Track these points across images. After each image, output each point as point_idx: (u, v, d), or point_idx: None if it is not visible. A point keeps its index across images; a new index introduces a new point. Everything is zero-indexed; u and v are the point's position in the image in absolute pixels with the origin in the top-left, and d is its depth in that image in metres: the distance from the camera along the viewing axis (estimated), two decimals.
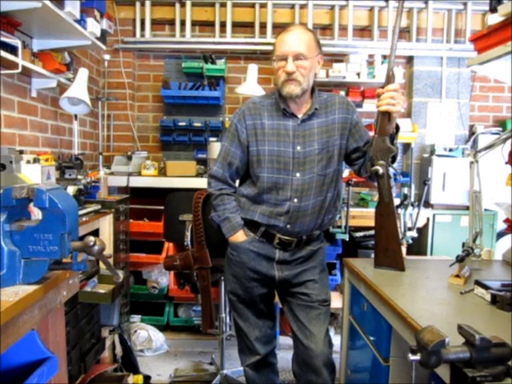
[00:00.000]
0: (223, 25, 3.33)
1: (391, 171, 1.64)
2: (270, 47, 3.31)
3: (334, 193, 1.70)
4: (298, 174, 1.61)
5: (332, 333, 2.95)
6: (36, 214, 1.16)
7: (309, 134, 1.62)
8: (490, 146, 1.72)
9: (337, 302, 2.44)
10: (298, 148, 1.61)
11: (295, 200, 1.61)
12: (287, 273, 1.70)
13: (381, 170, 1.59)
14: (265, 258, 1.69)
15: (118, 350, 2.40)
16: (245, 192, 1.69)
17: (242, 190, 1.72)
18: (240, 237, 1.68)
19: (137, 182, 2.94)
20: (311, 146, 1.62)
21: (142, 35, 3.36)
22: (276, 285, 1.74)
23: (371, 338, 1.54)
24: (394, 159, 1.63)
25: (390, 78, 1.59)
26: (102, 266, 2.06)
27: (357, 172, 1.77)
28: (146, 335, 2.81)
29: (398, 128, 1.61)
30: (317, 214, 1.65)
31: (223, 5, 3.31)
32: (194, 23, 3.38)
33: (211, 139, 3.36)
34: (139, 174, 3.07)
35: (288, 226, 1.63)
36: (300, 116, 1.63)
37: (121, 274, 1.19)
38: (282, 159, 1.61)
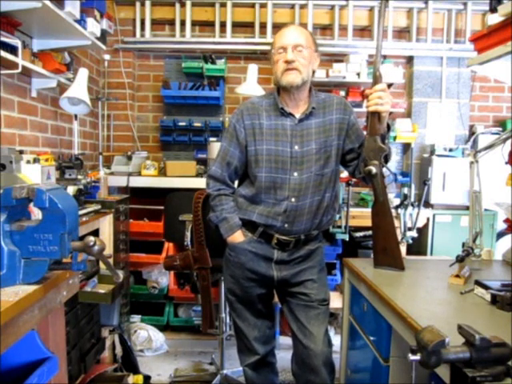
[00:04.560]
0: (223, 25, 3.33)
1: (385, 171, 1.64)
2: (270, 47, 3.34)
3: (333, 193, 1.70)
4: (295, 174, 1.61)
5: (332, 333, 2.95)
6: (36, 214, 1.16)
7: (306, 133, 1.63)
8: (490, 146, 1.72)
9: (337, 302, 2.44)
10: (296, 147, 1.61)
11: (293, 199, 1.61)
12: (286, 273, 1.70)
13: (374, 170, 1.60)
14: (263, 259, 1.69)
15: (118, 350, 2.40)
16: (243, 192, 1.69)
17: (240, 190, 1.72)
18: (238, 237, 1.68)
19: (137, 181, 2.94)
20: (309, 146, 1.62)
21: (142, 35, 3.36)
22: (275, 285, 1.74)
23: (371, 338, 1.54)
24: (386, 159, 1.64)
25: (376, 79, 1.60)
26: (102, 266, 2.06)
27: (351, 173, 1.78)
28: (146, 335, 2.81)
29: (388, 127, 1.62)
30: (314, 214, 1.66)
31: (223, 5, 3.31)
32: (194, 23, 3.38)
33: (211, 139, 3.35)
34: (139, 173, 3.07)
35: (286, 226, 1.64)
36: (298, 116, 1.64)
37: (121, 274, 1.18)
38: (279, 158, 1.61)
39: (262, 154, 1.62)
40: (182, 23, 3.34)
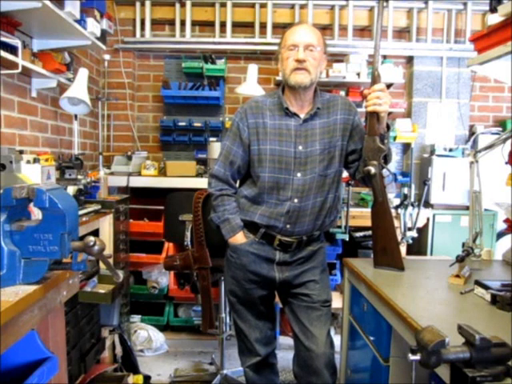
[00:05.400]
0: (223, 25, 3.33)
1: (385, 171, 1.64)
2: (270, 47, 3.35)
3: (336, 194, 1.69)
4: (299, 174, 1.60)
5: (332, 333, 2.95)
6: (36, 214, 1.16)
7: (311, 133, 1.62)
8: (490, 146, 1.72)
9: (337, 302, 2.44)
10: (300, 148, 1.60)
11: (295, 200, 1.61)
12: (288, 274, 1.69)
13: (373, 170, 1.59)
14: (265, 260, 1.68)
15: (118, 350, 2.40)
16: (245, 192, 1.68)
17: (242, 190, 1.71)
18: (240, 238, 1.67)
19: (137, 182, 2.94)
20: (313, 146, 1.61)
21: (142, 35, 3.36)
22: (276, 286, 1.74)
23: (371, 338, 1.54)
24: (386, 159, 1.63)
25: (375, 78, 1.59)
26: (102, 266, 2.06)
27: (352, 175, 1.76)
28: (146, 335, 2.81)
29: (388, 127, 1.61)
30: (317, 215, 1.65)
31: (223, 5, 3.31)
32: (194, 23, 3.38)
33: (211, 139, 3.36)
34: (139, 173, 3.07)
35: (288, 227, 1.63)
36: (302, 116, 1.63)
37: (121, 273, 1.19)
38: (283, 159, 1.60)
39: (266, 154, 1.61)
40: (182, 23, 3.34)
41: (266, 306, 1.78)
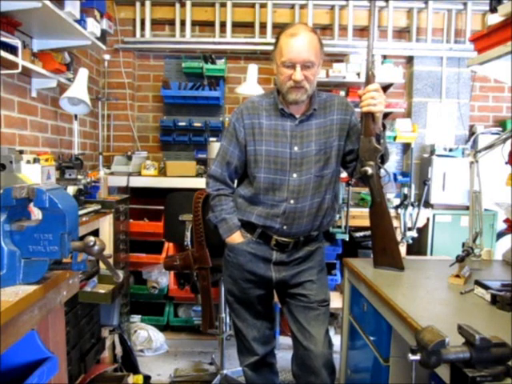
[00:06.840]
0: (223, 25, 3.33)
1: (382, 172, 1.63)
2: (270, 47, 3.32)
3: (333, 194, 1.69)
4: (294, 175, 1.60)
5: (332, 333, 2.95)
6: (36, 214, 1.16)
7: (306, 134, 1.61)
8: (490, 146, 1.72)
9: (337, 302, 2.44)
10: (296, 149, 1.60)
11: (291, 201, 1.60)
12: (284, 274, 1.69)
13: (370, 171, 1.59)
14: (262, 260, 1.68)
15: (118, 350, 2.40)
16: (242, 192, 1.68)
17: (239, 190, 1.71)
18: (237, 238, 1.68)
19: (137, 182, 2.94)
20: (309, 147, 1.61)
21: (142, 35, 3.36)
22: (273, 286, 1.74)
23: (371, 338, 1.54)
24: (382, 159, 1.62)
25: (369, 79, 1.58)
26: (102, 266, 2.06)
27: (350, 174, 1.76)
28: (146, 335, 2.81)
29: (384, 127, 1.60)
30: (314, 216, 1.64)
31: (223, 5, 3.31)
32: (194, 23, 3.38)
33: (211, 139, 3.36)
34: (139, 173, 3.07)
35: (284, 228, 1.63)
36: (298, 116, 1.62)
37: (121, 273, 1.19)
38: (278, 159, 1.60)
39: (262, 155, 1.61)
40: (182, 23, 3.34)
41: (263, 306, 1.78)
